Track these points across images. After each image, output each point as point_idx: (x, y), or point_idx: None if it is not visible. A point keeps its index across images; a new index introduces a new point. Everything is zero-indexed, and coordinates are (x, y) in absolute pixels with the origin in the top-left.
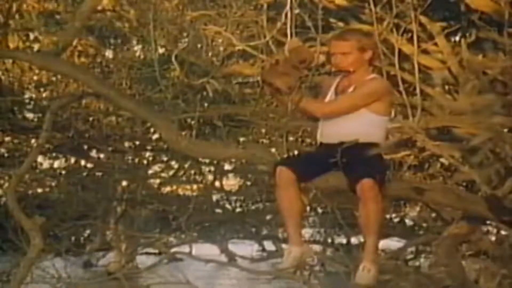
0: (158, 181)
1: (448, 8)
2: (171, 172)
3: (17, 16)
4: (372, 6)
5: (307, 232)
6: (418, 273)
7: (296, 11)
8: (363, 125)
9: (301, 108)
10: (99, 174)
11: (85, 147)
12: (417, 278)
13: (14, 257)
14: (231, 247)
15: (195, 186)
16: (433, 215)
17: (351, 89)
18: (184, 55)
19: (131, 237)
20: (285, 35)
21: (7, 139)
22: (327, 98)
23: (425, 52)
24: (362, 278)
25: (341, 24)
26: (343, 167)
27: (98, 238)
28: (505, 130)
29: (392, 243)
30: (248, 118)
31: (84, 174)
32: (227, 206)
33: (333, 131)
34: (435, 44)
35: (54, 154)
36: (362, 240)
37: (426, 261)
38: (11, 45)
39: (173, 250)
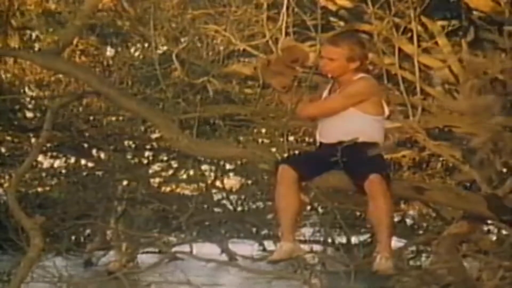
0: (158, 180)
1: (448, 7)
2: (171, 172)
3: (18, 15)
4: (370, 5)
5: (307, 232)
6: (420, 269)
7: (295, 10)
8: (357, 126)
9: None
10: (100, 173)
11: (86, 146)
12: (419, 275)
13: (14, 257)
14: (232, 246)
15: (195, 186)
16: (433, 214)
17: (338, 91)
18: (184, 54)
19: (132, 237)
20: (285, 34)
21: (7, 138)
22: None
23: (425, 51)
24: (381, 264)
25: (341, 23)
26: (344, 166)
27: (98, 238)
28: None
29: (392, 243)
30: (248, 117)
31: (85, 173)
32: (228, 205)
33: (331, 131)
34: (436, 43)
35: (54, 153)
36: (362, 239)
37: (427, 261)
38: (12, 45)
39: (173, 249)
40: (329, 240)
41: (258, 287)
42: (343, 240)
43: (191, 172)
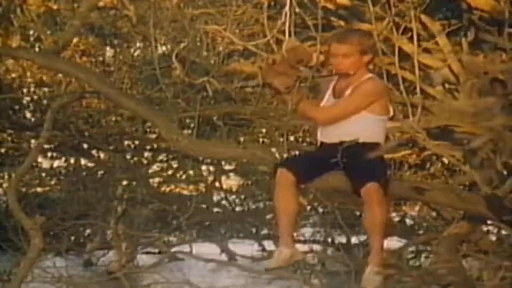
0: (158, 180)
1: (449, 7)
2: (171, 172)
3: (19, 15)
4: (371, 5)
5: (307, 232)
6: (420, 269)
7: (296, 10)
8: (361, 126)
9: (301, 110)
10: (100, 173)
11: (86, 146)
12: (420, 275)
13: (14, 257)
14: (231, 246)
15: (195, 186)
16: (434, 214)
17: (348, 91)
18: (185, 54)
19: (132, 237)
20: (288, 34)
21: (7, 138)
22: (324, 100)
23: (425, 51)
24: (369, 281)
25: (341, 23)
26: (344, 167)
27: (98, 238)
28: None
29: (392, 243)
30: (248, 117)
31: (84, 173)
32: (227, 205)
33: (333, 131)
34: (436, 43)
35: (54, 153)
36: (362, 239)
37: (427, 261)
38: (13, 44)
39: (173, 249)
40: (329, 240)
41: (257, 287)
42: (343, 240)
43: (191, 172)
